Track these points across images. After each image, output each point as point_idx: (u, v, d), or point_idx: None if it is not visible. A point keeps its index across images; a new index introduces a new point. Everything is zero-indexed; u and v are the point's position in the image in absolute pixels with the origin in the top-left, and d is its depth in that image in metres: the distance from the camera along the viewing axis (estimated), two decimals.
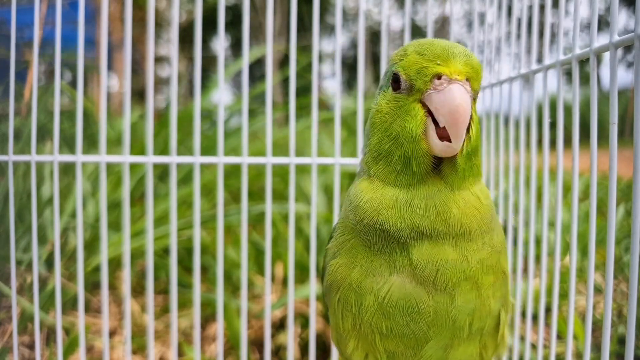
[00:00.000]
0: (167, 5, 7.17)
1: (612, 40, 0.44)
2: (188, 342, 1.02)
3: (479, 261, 0.43)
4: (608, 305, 0.45)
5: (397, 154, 0.42)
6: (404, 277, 0.43)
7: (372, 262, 0.44)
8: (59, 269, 0.72)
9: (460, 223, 0.42)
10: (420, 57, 0.41)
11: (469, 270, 0.43)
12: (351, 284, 0.45)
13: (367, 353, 0.47)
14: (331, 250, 0.49)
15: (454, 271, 0.42)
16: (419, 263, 0.42)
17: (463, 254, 0.43)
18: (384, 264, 0.43)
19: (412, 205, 0.42)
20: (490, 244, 0.44)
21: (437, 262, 0.42)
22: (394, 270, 0.43)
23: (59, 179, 0.72)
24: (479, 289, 0.44)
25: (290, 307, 0.76)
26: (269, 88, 0.77)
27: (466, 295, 0.43)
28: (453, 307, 0.43)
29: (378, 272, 0.44)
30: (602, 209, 1.32)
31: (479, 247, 0.43)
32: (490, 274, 0.44)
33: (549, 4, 0.65)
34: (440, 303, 0.43)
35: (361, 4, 0.79)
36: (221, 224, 0.75)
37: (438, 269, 0.42)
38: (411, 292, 0.43)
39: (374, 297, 0.44)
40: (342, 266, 0.46)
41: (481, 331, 0.46)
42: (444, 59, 0.41)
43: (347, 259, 0.46)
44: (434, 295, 0.43)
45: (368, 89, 3.03)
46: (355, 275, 0.45)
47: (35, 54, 0.73)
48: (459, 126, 0.39)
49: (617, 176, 0.45)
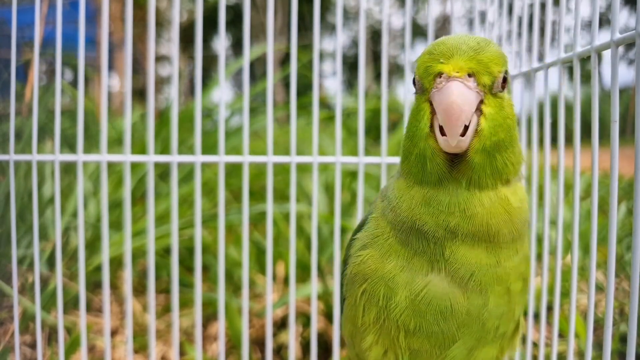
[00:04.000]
0: (167, 5, 7.17)
1: (613, 38, 0.44)
2: (189, 341, 1.02)
3: (512, 268, 0.43)
4: (609, 303, 0.45)
5: (414, 153, 0.43)
6: (442, 276, 0.43)
7: (410, 260, 0.44)
8: (60, 269, 0.72)
9: (487, 223, 0.42)
10: (429, 57, 0.41)
11: (502, 275, 0.43)
12: (383, 277, 0.45)
13: (386, 349, 0.46)
14: (360, 241, 0.48)
15: (488, 275, 0.42)
16: (454, 264, 0.42)
17: (497, 259, 0.43)
18: (423, 263, 0.43)
19: (439, 203, 0.42)
20: (522, 252, 0.44)
21: (471, 265, 0.42)
22: (431, 269, 0.43)
23: (60, 179, 0.72)
24: (510, 294, 0.44)
25: (292, 306, 0.76)
26: (269, 87, 0.77)
27: (498, 299, 0.44)
28: (485, 309, 0.43)
29: (416, 270, 0.44)
30: (604, 207, 1.32)
31: (511, 254, 0.43)
32: (520, 281, 0.45)
33: (549, 2, 0.65)
34: (474, 305, 0.43)
35: (362, 3, 0.79)
36: (222, 223, 0.75)
37: (473, 272, 0.42)
38: (447, 291, 0.43)
39: (407, 293, 0.44)
40: (372, 258, 0.46)
41: (503, 335, 0.46)
42: (448, 56, 0.40)
43: (381, 252, 0.46)
44: (469, 296, 0.43)
45: (369, 88, 3.03)
46: (389, 269, 0.45)
47: (36, 53, 0.73)
48: (451, 122, 0.39)
49: (619, 174, 0.45)
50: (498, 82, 0.41)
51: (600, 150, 0.48)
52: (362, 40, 0.77)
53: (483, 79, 0.40)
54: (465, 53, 0.40)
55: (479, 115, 0.40)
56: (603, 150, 0.48)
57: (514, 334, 0.48)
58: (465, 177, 0.42)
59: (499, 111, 0.41)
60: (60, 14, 0.72)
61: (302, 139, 1.85)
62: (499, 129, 0.41)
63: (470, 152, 0.40)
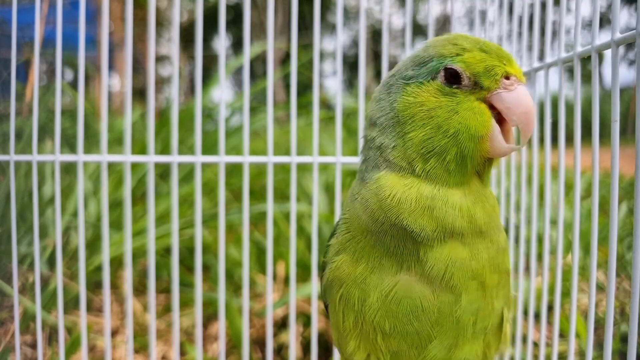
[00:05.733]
0: (168, 5, 7.18)
1: (614, 38, 0.44)
2: (190, 341, 1.02)
3: (487, 260, 0.43)
4: (610, 303, 0.45)
5: (452, 152, 0.41)
6: (412, 275, 0.43)
7: (380, 260, 0.44)
8: (60, 269, 0.72)
9: (483, 222, 0.42)
10: (486, 55, 0.41)
11: (477, 269, 0.43)
12: (355, 280, 0.44)
13: (369, 353, 0.46)
14: (334, 247, 0.48)
15: (463, 270, 0.42)
16: (429, 262, 0.42)
17: (472, 253, 0.42)
18: (393, 263, 0.43)
19: (448, 204, 0.41)
20: (497, 242, 0.44)
21: (446, 261, 0.42)
22: (401, 269, 0.43)
23: (61, 179, 0.72)
24: (485, 288, 0.44)
25: (292, 306, 0.76)
26: (269, 86, 0.77)
27: (471, 294, 0.43)
28: (458, 306, 0.43)
29: (385, 270, 0.43)
30: (604, 207, 1.32)
31: (487, 246, 0.43)
32: (496, 273, 0.44)
33: (550, 1, 0.65)
34: (444, 302, 0.43)
35: (362, 2, 0.79)
36: (223, 223, 0.75)
37: (446, 268, 0.42)
38: (416, 290, 0.42)
39: (378, 294, 0.43)
40: (345, 263, 0.46)
41: (485, 330, 0.45)
42: (508, 59, 0.41)
43: (353, 255, 0.45)
44: (438, 294, 0.42)
45: (369, 87, 3.03)
46: (361, 272, 0.44)
47: (36, 53, 0.73)
48: (531, 127, 0.40)
49: (619, 174, 0.45)
50: None
51: (600, 149, 0.48)
52: (362, 40, 0.77)
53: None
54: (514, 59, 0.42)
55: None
56: (604, 150, 0.48)
57: (499, 328, 0.47)
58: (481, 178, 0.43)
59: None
60: (60, 13, 0.72)
61: (302, 138, 1.85)
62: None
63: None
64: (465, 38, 0.43)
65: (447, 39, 0.44)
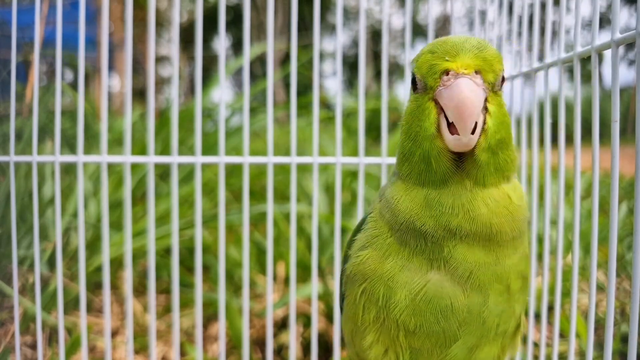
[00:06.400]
0: (167, 5, 7.18)
1: (614, 38, 0.44)
2: (190, 341, 1.02)
3: (511, 266, 0.43)
4: (610, 303, 0.45)
5: (417, 154, 0.42)
6: (441, 275, 0.43)
7: (409, 259, 0.44)
8: (60, 269, 0.72)
9: (490, 223, 0.42)
10: (432, 56, 0.41)
11: (502, 273, 0.43)
12: (382, 277, 0.45)
13: (387, 348, 0.46)
14: (360, 241, 0.48)
15: (487, 273, 0.42)
16: (453, 263, 0.42)
17: (496, 258, 0.42)
18: (423, 262, 0.43)
19: (441, 204, 0.42)
20: (521, 250, 0.44)
21: (470, 264, 0.42)
22: (431, 268, 0.43)
23: (60, 179, 0.72)
24: (510, 292, 0.44)
25: (292, 307, 0.76)
26: (269, 87, 0.77)
27: (498, 297, 0.43)
28: (485, 307, 0.43)
29: (415, 269, 0.44)
30: (605, 207, 1.32)
31: (510, 253, 0.43)
32: (519, 279, 0.45)
33: (550, 1, 0.65)
34: (474, 303, 0.43)
35: (362, 2, 0.79)
36: (223, 223, 0.75)
37: (472, 270, 0.42)
38: (447, 290, 0.43)
39: (407, 292, 0.43)
40: (372, 258, 0.46)
41: (504, 333, 0.46)
42: (453, 54, 0.40)
43: (380, 252, 0.46)
44: (469, 294, 0.43)
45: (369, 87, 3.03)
46: (388, 269, 0.45)
47: (36, 54, 0.73)
48: (465, 119, 0.39)
49: (619, 174, 0.45)
50: (499, 81, 0.42)
51: (600, 149, 0.48)
52: (362, 40, 0.77)
53: (488, 77, 0.40)
54: (470, 51, 0.40)
55: (484, 113, 0.40)
56: (604, 150, 0.48)
57: (515, 332, 0.48)
58: (470, 177, 0.42)
59: (500, 109, 0.41)
60: (60, 14, 0.72)
61: (302, 139, 1.85)
62: (501, 126, 0.41)
63: (477, 150, 0.40)
64: (431, 43, 0.43)
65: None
